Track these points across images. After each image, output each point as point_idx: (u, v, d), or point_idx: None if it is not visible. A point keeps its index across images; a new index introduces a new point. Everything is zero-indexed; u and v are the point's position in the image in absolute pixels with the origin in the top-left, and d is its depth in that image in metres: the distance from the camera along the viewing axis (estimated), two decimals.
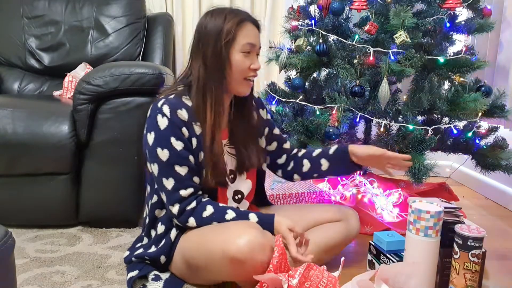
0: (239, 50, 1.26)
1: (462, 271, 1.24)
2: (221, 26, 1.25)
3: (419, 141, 1.77)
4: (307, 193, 1.92)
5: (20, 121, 1.63)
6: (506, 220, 2.09)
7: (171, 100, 1.26)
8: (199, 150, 1.27)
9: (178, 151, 1.23)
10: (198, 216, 1.24)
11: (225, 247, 1.13)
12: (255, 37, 1.29)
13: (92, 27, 2.33)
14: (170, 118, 1.23)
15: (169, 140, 1.23)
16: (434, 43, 1.91)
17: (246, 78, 1.29)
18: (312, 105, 1.92)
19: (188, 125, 1.25)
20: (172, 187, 1.24)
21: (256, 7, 2.61)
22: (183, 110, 1.25)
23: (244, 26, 1.27)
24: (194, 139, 1.27)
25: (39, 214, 1.71)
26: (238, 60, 1.26)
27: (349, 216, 1.47)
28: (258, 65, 1.30)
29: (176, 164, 1.24)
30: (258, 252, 1.12)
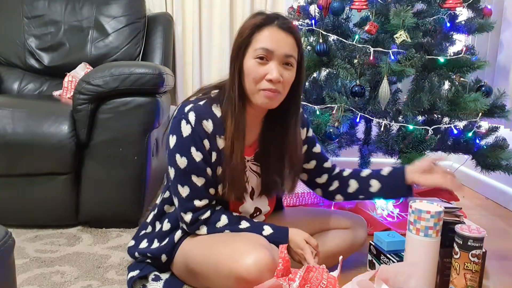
0: (252, 56, 1.15)
1: (463, 271, 1.23)
2: (242, 29, 1.17)
3: (419, 141, 1.77)
4: (307, 193, 1.92)
5: (20, 121, 1.63)
6: (506, 220, 2.09)
7: (199, 107, 1.19)
8: (218, 164, 1.22)
9: (196, 162, 1.19)
10: (212, 226, 1.23)
11: (232, 265, 1.11)
12: (277, 43, 1.14)
13: (92, 27, 2.33)
14: (194, 127, 1.18)
15: (189, 149, 1.18)
16: (434, 43, 1.91)
17: (262, 89, 1.16)
18: (312, 105, 1.91)
19: (211, 138, 1.20)
20: (187, 196, 1.21)
21: (256, 7, 2.61)
22: (209, 121, 1.19)
23: (265, 29, 1.15)
24: (214, 153, 1.21)
25: (39, 214, 1.71)
26: (250, 67, 1.15)
27: (358, 225, 1.46)
28: (276, 75, 1.13)
29: (193, 174, 1.20)
30: (266, 272, 1.09)
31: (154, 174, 1.81)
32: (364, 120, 2.00)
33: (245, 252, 1.11)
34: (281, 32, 1.16)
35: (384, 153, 1.94)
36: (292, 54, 1.17)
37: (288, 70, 1.18)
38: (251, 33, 1.15)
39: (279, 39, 1.15)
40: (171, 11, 2.56)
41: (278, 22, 1.16)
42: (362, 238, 1.46)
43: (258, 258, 1.09)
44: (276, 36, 1.15)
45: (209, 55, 2.62)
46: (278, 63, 1.16)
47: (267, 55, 1.15)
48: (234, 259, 1.11)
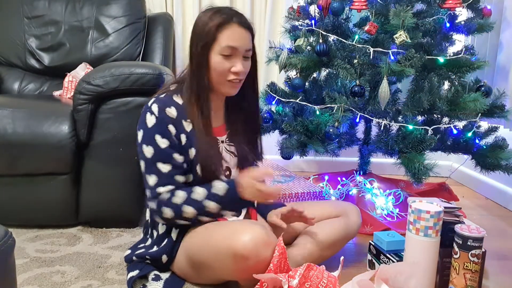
0: (218, 52, 1.25)
1: (462, 271, 1.24)
2: (204, 26, 1.25)
3: (419, 141, 1.77)
4: (307, 193, 1.92)
5: (20, 121, 1.63)
6: (506, 220, 2.09)
7: (161, 99, 1.28)
8: (190, 146, 1.28)
9: (162, 148, 1.25)
10: (170, 203, 1.25)
11: (229, 243, 1.16)
12: (240, 40, 1.26)
13: (92, 27, 2.33)
14: (158, 116, 1.25)
15: (154, 137, 1.25)
16: (434, 43, 1.91)
17: (229, 80, 1.28)
18: (312, 105, 1.92)
19: (177, 123, 1.27)
20: (154, 184, 1.26)
21: (256, 7, 2.61)
22: (172, 108, 1.27)
23: (227, 27, 1.25)
24: (183, 136, 1.28)
25: (39, 214, 1.71)
26: (216, 62, 1.26)
27: (349, 211, 1.47)
28: (239, 68, 1.27)
29: (159, 161, 1.25)
30: (262, 248, 1.14)
31: None
32: (364, 120, 2.00)
33: (241, 230, 1.17)
34: (242, 29, 1.27)
35: (384, 153, 1.94)
36: (251, 48, 1.31)
37: (247, 61, 1.31)
38: (215, 31, 1.24)
39: (241, 37, 1.26)
40: (171, 11, 2.56)
41: (236, 19, 1.26)
42: (355, 223, 1.46)
43: (254, 235, 1.15)
44: (238, 34, 1.26)
45: None
46: (241, 57, 1.28)
47: (232, 52, 1.26)
48: (231, 237, 1.16)
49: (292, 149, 1.94)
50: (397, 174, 1.98)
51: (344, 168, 2.26)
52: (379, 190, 2.02)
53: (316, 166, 2.76)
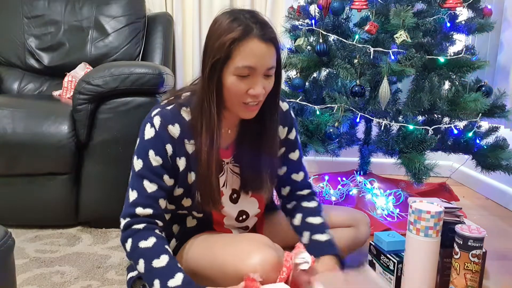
0: (233, 73, 1.06)
1: (463, 271, 1.23)
2: (218, 38, 1.06)
3: (420, 141, 1.77)
4: None
5: (20, 121, 1.62)
6: (507, 220, 2.09)
7: (166, 112, 1.15)
8: (189, 170, 1.17)
9: (152, 166, 1.13)
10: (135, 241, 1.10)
11: (237, 265, 1.09)
12: (260, 58, 1.05)
13: (92, 27, 2.33)
14: (158, 131, 1.13)
15: (147, 152, 1.13)
16: (434, 43, 1.91)
17: (245, 102, 1.10)
18: (312, 105, 1.91)
19: (177, 143, 1.14)
20: (132, 200, 1.13)
21: (256, 7, 2.61)
22: (175, 125, 1.14)
23: (245, 43, 1.04)
24: (182, 159, 1.16)
25: (39, 214, 1.71)
26: (231, 83, 1.07)
27: (360, 222, 1.42)
28: (259, 90, 1.07)
29: (146, 179, 1.13)
30: (271, 272, 1.08)
31: None
32: (364, 120, 1.99)
33: (251, 252, 1.10)
34: (263, 44, 1.05)
35: (384, 153, 1.94)
36: (274, 66, 1.10)
37: (268, 80, 1.11)
38: (230, 49, 1.04)
39: (261, 54, 1.06)
40: (171, 11, 2.56)
41: (257, 31, 1.05)
42: (364, 234, 1.43)
43: (263, 258, 1.08)
44: (258, 51, 1.05)
45: None
46: (261, 77, 1.09)
47: (249, 73, 1.06)
48: (240, 259, 1.10)
49: None
50: (397, 174, 1.97)
51: (344, 168, 2.26)
52: (379, 190, 2.02)
53: (316, 166, 2.76)
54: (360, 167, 2.16)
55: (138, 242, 1.10)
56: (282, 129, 1.29)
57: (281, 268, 1.10)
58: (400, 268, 1.34)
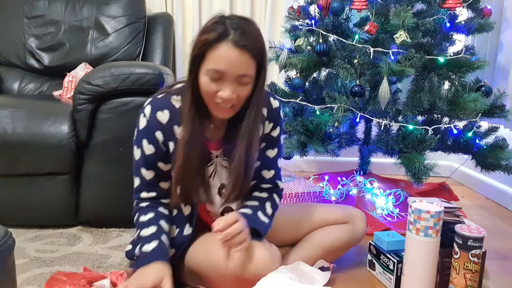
0: (205, 73, 1.10)
1: (462, 271, 1.24)
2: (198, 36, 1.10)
3: (419, 141, 1.77)
4: (307, 193, 1.92)
5: (20, 121, 1.63)
6: (506, 220, 2.09)
7: (156, 100, 1.22)
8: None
9: (147, 155, 1.22)
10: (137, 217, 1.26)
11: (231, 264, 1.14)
12: (230, 63, 1.06)
13: (92, 27, 2.33)
14: (149, 119, 1.20)
15: (142, 141, 1.22)
16: (434, 43, 1.91)
17: (217, 102, 1.12)
18: (312, 105, 1.92)
19: (166, 128, 1.19)
20: (137, 187, 1.26)
21: (256, 7, 2.61)
22: (164, 111, 1.19)
23: (217, 47, 1.06)
24: (171, 143, 1.21)
25: (39, 214, 1.71)
26: (203, 83, 1.11)
27: (356, 218, 1.43)
28: (227, 94, 1.08)
29: (143, 167, 1.23)
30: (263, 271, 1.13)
31: None
32: (364, 120, 2.00)
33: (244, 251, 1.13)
34: (235, 50, 1.06)
35: (384, 153, 1.94)
36: (247, 73, 1.09)
37: (243, 86, 1.11)
38: (203, 49, 1.08)
39: (231, 60, 1.06)
40: (171, 11, 2.56)
41: (233, 37, 1.06)
42: (361, 231, 1.43)
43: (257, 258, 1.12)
44: (228, 57, 1.06)
45: None
46: (232, 82, 1.09)
47: (219, 76, 1.09)
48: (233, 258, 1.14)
49: (292, 149, 1.94)
50: (397, 174, 1.98)
51: (344, 168, 2.26)
52: (379, 190, 2.02)
53: (316, 166, 2.76)
54: (360, 167, 2.16)
55: (139, 216, 1.25)
56: (268, 124, 1.29)
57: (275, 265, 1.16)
58: (400, 268, 1.34)
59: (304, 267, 1.23)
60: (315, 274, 1.23)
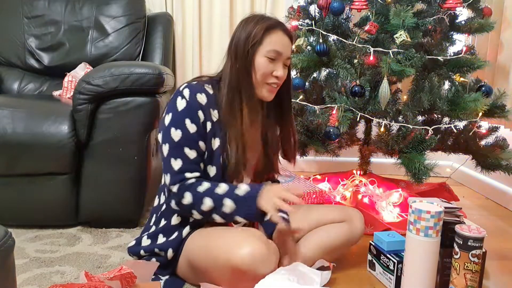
0: (263, 55, 1.28)
1: (463, 271, 1.23)
2: (251, 30, 1.28)
3: (419, 141, 1.77)
4: (307, 193, 1.92)
5: (20, 121, 1.62)
6: (506, 220, 2.09)
7: (193, 84, 1.30)
8: (213, 135, 1.29)
9: (190, 133, 1.25)
10: (193, 190, 1.24)
11: (228, 256, 1.16)
12: (283, 46, 1.30)
13: (92, 27, 2.33)
14: (189, 100, 1.25)
15: (184, 121, 1.25)
16: (434, 43, 1.91)
17: (268, 83, 1.31)
18: (312, 105, 1.91)
19: (205, 109, 1.27)
20: (178, 168, 1.25)
21: (256, 7, 2.61)
22: (202, 94, 1.28)
23: (273, 32, 1.29)
24: (209, 123, 1.28)
25: (39, 214, 1.71)
26: (261, 63, 1.28)
27: (353, 217, 1.45)
28: (281, 73, 1.30)
29: (186, 146, 1.25)
30: (260, 263, 1.14)
31: (154, 174, 1.81)
32: (364, 120, 1.99)
33: (241, 243, 1.16)
34: (286, 37, 1.31)
35: (384, 153, 1.94)
36: (290, 57, 1.35)
37: (285, 69, 1.34)
38: (262, 34, 1.28)
39: (284, 44, 1.31)
40: (171, 11, 2.56)
41: (282, 27, 1.31)
42: (359, 229, 1.45)
43: (253, 249, 1.14)
44: (283, 41, 1.30)
45: (209, 55, 2.61)
46: (282, 64, 1.31)
47: (276, 56, 1.29)
48: (230, 250, 1.16)
49: None
50: (397, 174, 1.97)
51: (344, 168, 2.26)
52: (379, 190, 2.02)
53: (316, 166, 2.76)
54: (360, 167, 2.16)
55: (196, 189, 1.24)
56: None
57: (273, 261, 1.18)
58: (400, 268, 1.34)
59: (302, 268, 1.24)
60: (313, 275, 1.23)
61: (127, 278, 1.12)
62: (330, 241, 1.40)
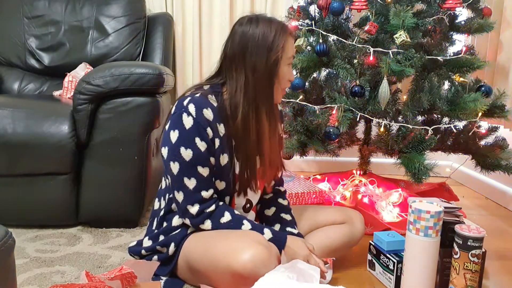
0: (285, 63, 1.27)
1: (462, 271, 1.24)
2: (272, 38, 1.24)
3: (419, 141, 1.77)
4: (307, 193, 1.92)
5: (20, 121, 1.63)
6: (506, 220, 2.09)
7: (197, 98, 1.24)
8: (221, 151, 1.26)
9: (201, 152, 1.23)
10: (216, 220, 1.25)
11: (228, 261, 1.15)
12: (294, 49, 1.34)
13: (92, 27, 2.33)
14: (196, 118, 1.22)
15: (193, 140, 1.22)
16: (434, 43, 1.91)
17: (284, 88, 1.32)
18: (312, 105, 1.91)
19: (213, 125, 1.24)
20: (194, 187, 1.23)
21: (256, 7, 2.61)
22: (208, 109, 1.24)
23: (290, 38, 1.28)
24: (217, 140, 1.26)
25: (39, 214, 1.71)
26: (285, 71, 1.28)
27: (354, 219, 1.45)
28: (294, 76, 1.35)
29: (199, 165, 1.23)
30: (261, 269, 1.13)
31: (154, 174, 1.81)
32: (364, 120, 2.00)
33: (242, 248, 1.15)
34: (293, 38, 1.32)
35: (384, 153, 1.94)
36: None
37: None
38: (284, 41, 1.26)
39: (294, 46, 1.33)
40: (171, 11, 2.56)
41: (290, 30, 1.30)
42: (359, 231, 1.45)
43: (254, 254, 1.13)
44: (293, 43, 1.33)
45: (209, 55, 2.61)
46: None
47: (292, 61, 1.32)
48: (231, 255, 1.15)
49: (292, 149, 1.94)
50: (397, 174, 1.98)
51: (344, 168, 2.26)
52: (379, 190, 2.02)
53: (316, 166, 2.76)
54: (359, 167, 2.16)
55: (218, 220, 1.25)
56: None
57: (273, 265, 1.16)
58: (399, 268, 1.34)
59: (301, 265, 1.23)
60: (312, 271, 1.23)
61: (127, 278, 1.12)
62: (331, 242, 1.40)
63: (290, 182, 2.05)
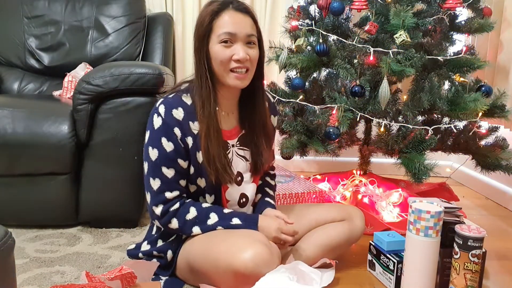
0: (216, 42, 1.20)
1: (463, 271, 1.23)
2: (200, 18, 1.23)
3: (419, 141, 1.77)
4: (307, 193, 1.92)
5: (20, 121, 1.63)
6: (506, 220, 2.09)
7: (169, 99, 1.25)
8: (196, 149, 1.26)
9: (167, 152, 1.23)
10: (181, 218, 1.25)
11: (230, 260, 1.14)
12: (236, 24, 1.20)
13: (92, 27, 2.33)
14: (164, 118, 1.22)
15: (160, 140, 1.23)
16: (434, 43, 1.91)
17: (232, 70, 1.22)
18: (312, 105, 1.91)
19: (183, 125, 1.23)
20: (158, 188, 1.24)
21: (256, 7, 2.61)
22: (179, 109, 1.24)
23: (222, 14, 1.20)
24: (189, 138, 1.25)
25: (39, 214, 1.71)
26: (216, 51, 1.21)
27: (353, 216, 1.45)
28: (242, 55, 1.20)
29: (164, 166, 1.23)
30: (263, 268, 1.13)
31: None
32: (364, 120, 1.99)
33: (242, 247, 1.14)
34: (239, 14, 1.22)
35: (384, 153, 1.94)
36: (253, 33, 1.24)
37: (252, 48, 1.24)
38: (210, 20, 1.20)
39: (238, 21, 1.21)
40: (171, 11, 2.56)
41: (233, 5, 1.22)
42: (359, 228, 1.44)
43: (255, 253, 1.13)
44: (235, 19, 1.21)
45: None
46: (242, 44, 1.22)
47: (230, 38, 1.20)
48: (232, 254, 1.14)
49: (292, 149, 1.94)
50: (397, 174, 1.98)
51: (344, 168, 2.26)
52: (379, 190, 2.02)
53: (316, 166, 2.76)
54: (359, 167, 2.16)
55: (184, 217, 1.25)
56: (273, 118, 1.45)
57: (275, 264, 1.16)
58: (400, 268, 1.34)
59: (303, 267, 1.23)
60: (314, 274, 1.23)
61: (127, 278, 1.12)
62: (331, 239, 1.40)
63: (290, 182, 2.05)
